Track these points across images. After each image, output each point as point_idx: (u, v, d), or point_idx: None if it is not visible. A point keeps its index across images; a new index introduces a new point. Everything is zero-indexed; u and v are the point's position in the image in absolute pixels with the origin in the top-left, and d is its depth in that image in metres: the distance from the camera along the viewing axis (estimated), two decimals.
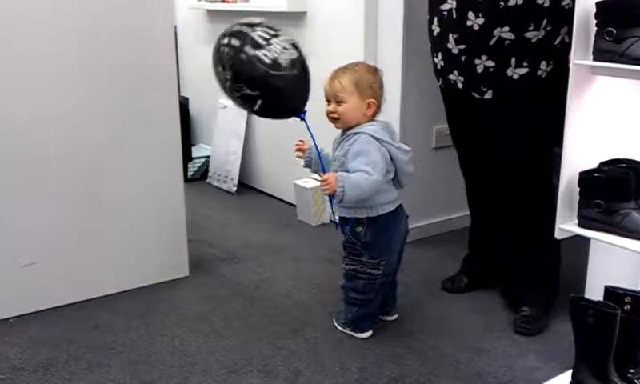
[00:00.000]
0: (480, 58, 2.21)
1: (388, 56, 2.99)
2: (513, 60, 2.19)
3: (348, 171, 2.12)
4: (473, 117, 2.38)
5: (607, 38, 1.62)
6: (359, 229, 2.20)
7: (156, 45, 2.52)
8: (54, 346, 2.23)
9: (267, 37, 2.09)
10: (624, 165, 1.75)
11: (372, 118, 2.20)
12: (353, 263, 2.25)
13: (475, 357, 2.16)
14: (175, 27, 2.61)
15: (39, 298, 2.44)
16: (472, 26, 2.19)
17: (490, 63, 2.21)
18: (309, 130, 2.15)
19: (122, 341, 2.26)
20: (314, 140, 2.19)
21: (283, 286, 2.70)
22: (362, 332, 2.28)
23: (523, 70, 2.19)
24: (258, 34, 2.09)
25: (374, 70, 2.24)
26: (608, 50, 1.63)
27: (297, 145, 2.31)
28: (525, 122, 2.25)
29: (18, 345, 2.23)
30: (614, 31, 1.60)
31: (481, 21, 2.17)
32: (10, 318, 2.39)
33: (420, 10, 2.89)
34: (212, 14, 4.10)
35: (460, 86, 2.30)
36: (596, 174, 1.74)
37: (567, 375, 1.87)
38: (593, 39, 1.68)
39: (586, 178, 1.76)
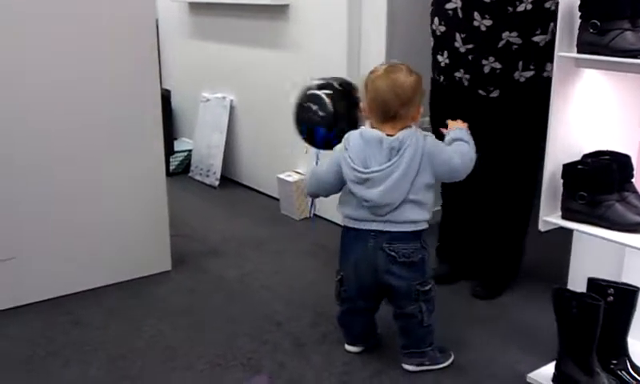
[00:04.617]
0: (487, 59, 2.24)
1: (371, 50, 2.97)
2: (520, 64, 2.22)
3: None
4: (474, 112, 2.36)
5: (591, 31, 1.63)
6: None
7: (137, 37, 2.48)
8: (32, 343, 2.19)
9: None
10: (607, 157, 1.76)
11: (373, 121, 2.01)
12: None
13: (458, 349, 2.16)
14: (157, 20, 2.57)
15: (17, 293, 2.39)
16: (479, 26, 2.20)
17: (498, 65, 2.24)
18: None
19: (103, 336, 2.23)
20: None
21: (266, 279, 2.68)
22: (346, 341, 2.16)
23: (529, 73, 2.24)
24: None
25: (374, 70, 2.01)
26: (592, 43, 1.64)
27: None
28: (529, 119, 2.31)
29: None
30: (598, 23, 1.61)
31: (488, 22, 2.19)
32: None
33: (403, 4, 2.90)
34: (194, 6, 4.05)
35: (466, 83, 2.33)
36: (579, 166, 1.75)
37: (550, 367, 1.88)
38: (577, 32, 1.69)
39: (569, 170, 1.77)
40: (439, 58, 2.40)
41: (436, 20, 2.35)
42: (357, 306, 2.08)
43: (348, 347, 2.15)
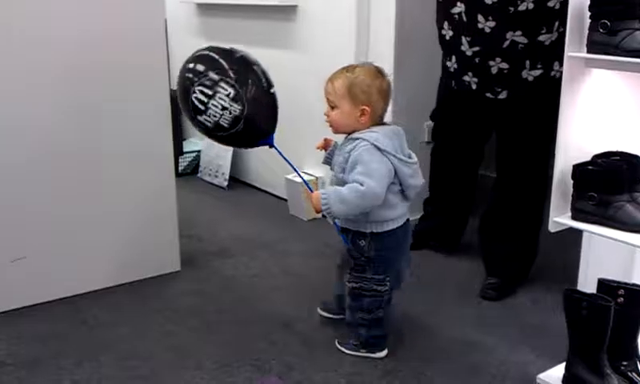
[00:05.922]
0: (494, 61, 2.24)
1: (380, 51, 2.97)
2: (527, 63, 2.23)
3: (347, 182, 1.97)
4: (484, 116, 2.45)
5: (601, 31, 1.62)
6: (362, 242, 2.03)
7: (146, 38, 2.49)
8: (42, 342, 2.20)
9: (204, 99, 2.00)
10: (617, 157, 1.75)
11: (370, 124, 1.99)
12: (356, 280, 2.07)
13: (468, 351, 2.16)
14: (165, 21, 2.59)
15: (28, 293, 2.41)
16: (483, 28, 2.21)
17: (505, 65, 2.24)
18: (281, 155, 2.12)
19: (113, 336, 2.24)
20: (289, 162, 2.15)
21: (275, 280, 2.68)
22: (378, 351, 2.13)
23: (537, 72, 2.24)
24: (195, 97, 2.02)
25: (375, 73, 2.01)
26: (602, 43, 1.63)
27: (321, 143, 2.21)
28: (537, 120, 2.33)
29: (5, 341, 2.20)
30: (608, 23, 1.60)
31: (492, 24, 2.19)
32: None
33: (412, 6, 2.90)
34: (202, 7, 4.07)
35: (474, 87, 2.34)
36: (590, 167, 1.74)
37: (560, 368, 1.87)
38: (587, 32, 1.68)
39: (579, 170, 1.76)
40: (448, 63, 2.41)
41: (445, 24, 2.36)
42: (391, 299, 2.15)
43: (382, 354, 2.13)
